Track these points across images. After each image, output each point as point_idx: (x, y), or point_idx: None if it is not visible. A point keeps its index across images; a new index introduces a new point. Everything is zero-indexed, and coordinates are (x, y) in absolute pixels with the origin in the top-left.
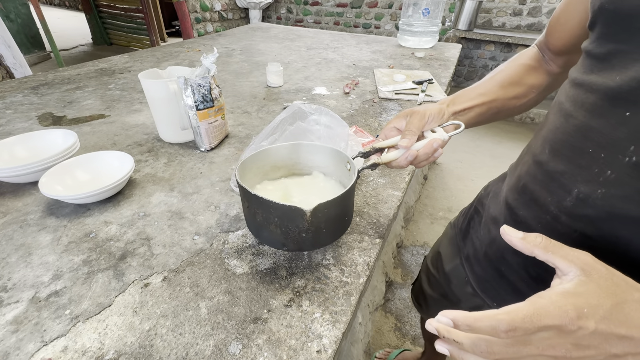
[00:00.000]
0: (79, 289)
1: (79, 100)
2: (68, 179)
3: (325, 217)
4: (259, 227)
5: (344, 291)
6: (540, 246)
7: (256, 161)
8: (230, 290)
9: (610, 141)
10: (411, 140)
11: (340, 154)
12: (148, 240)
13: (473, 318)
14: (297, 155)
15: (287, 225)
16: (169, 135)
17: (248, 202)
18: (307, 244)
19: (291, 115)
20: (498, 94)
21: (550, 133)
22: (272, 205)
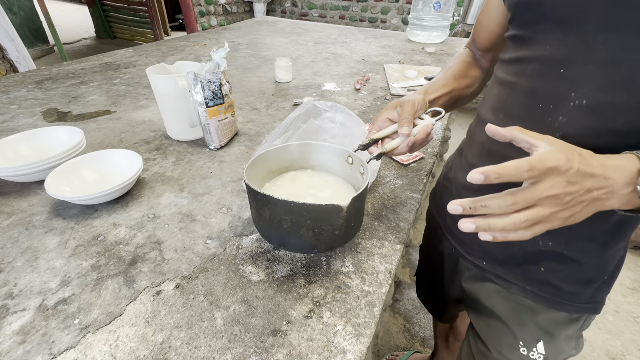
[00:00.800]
0: (88, 297)
1: (84, 95)
2: (75, 178)
3: (354, 210)
4: (285, 235)
5: (366, 301)
6: (517, 130)
7: (254, 168)
8: (246, 299)
9: (554, 94)
10: (410, 128)
11: (339, 149)
12: (159, 244)
13: (499, 166)
14: (292, 157)
15: (320, 226)
16: (177, 133)
17: (271, 211)
18: (338, 241)
19: (304, 112)
20: (454, 85)
21: (500, 101)
22: (306, 208)
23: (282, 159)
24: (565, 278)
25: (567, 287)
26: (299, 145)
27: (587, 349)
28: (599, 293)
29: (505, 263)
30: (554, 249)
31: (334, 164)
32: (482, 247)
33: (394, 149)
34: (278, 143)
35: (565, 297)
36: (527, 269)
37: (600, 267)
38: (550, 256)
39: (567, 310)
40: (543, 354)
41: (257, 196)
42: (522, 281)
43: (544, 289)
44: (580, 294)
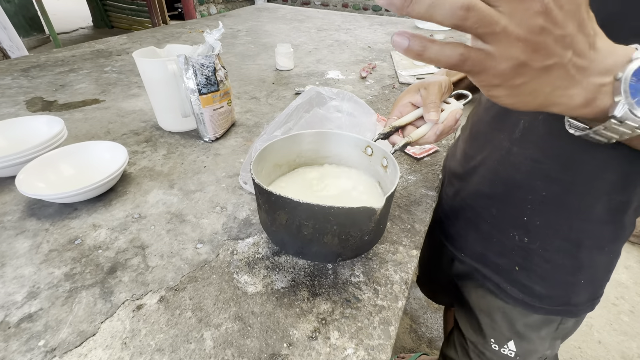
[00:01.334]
0: (58, 312)
1: (72, 83)
2: (51, 174)
3: (385, 210)
4: (305, 242)
5: (380, 318)
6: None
7: (261, 162)
8: (240, 315)
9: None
10: (438, 113)
11: (356, 138)
12: (143, 249)
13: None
14: (300, 148)
15: (348, 232)
16: (169, 123)
17: (289, 215)
18: (365, 247)
19: (308, 100)
20: None
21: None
22: (334, 212)
23: (290, 150)
24: (538, 279)
25: (539, 288)
26: (310, 135)
27: (602, 351)
28: (575, 296)
29: (482, 257)
30: (529, 245)
31: (350, 154)
32: (463, 237)
33: (420, 137)
34: (278, 134)
35: (537, 299)
36: (501, 267)
37: (576, 269)
38: (525, 254)
39: (539, 312)
40: (514, 351)
41: (271, 198)
42: (497, 278)
43: (516, 288)
44: (553, 296)
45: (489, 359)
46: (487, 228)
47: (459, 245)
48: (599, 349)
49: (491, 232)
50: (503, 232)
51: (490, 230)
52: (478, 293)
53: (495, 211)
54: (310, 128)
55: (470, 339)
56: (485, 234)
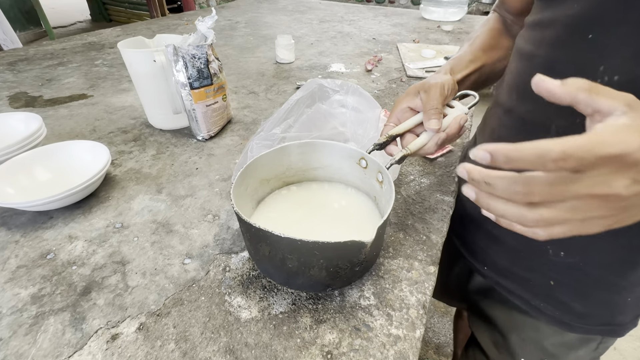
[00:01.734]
0: (19, 343)
1: (60, 77)
2: (23, 178)
3: (378, 238)
4: (290, 275)
5: (395, 352)
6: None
7: (244, 181)
8: (232, 347)
9: (578, 68)
10: (440, 120)
11: (348, 149)
12: (123, 265)
13: (514, 148)
14: (289, 160)
15: (337, 265)
16: (160, 120)
17: (271, 248)
18: (357, 275)
19: (309, 94)
20: (484, 60)
21: (515, 78)
22: (319, 247)
23: (278, 163)
24: (577, 296)
25: (578, 306)
26: (299, 146)
27: (618, 358)
28: (620, 315)
29: (507, 271)
30: (566, 259)
31: (342, 166)
32: (484, 250)
33: (419, 148)
34: (278, 132)
35: (576, 318)
36: (532, 281)
37: (622, 287)
38: (562, 268)
39: (577, 331)
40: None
41: (251, 229)
42: (527, 294)
43: (550, 305)
44: (595, 315)
45: None
46: (513, 242)
47: (481, 257)
48: (615, 356)
49: (518, 247)
50: (533, 247)
51: (517, 245)
52: (504, 309)
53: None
54: (312, 125)
55: (494, 358)
56: (511, 248)
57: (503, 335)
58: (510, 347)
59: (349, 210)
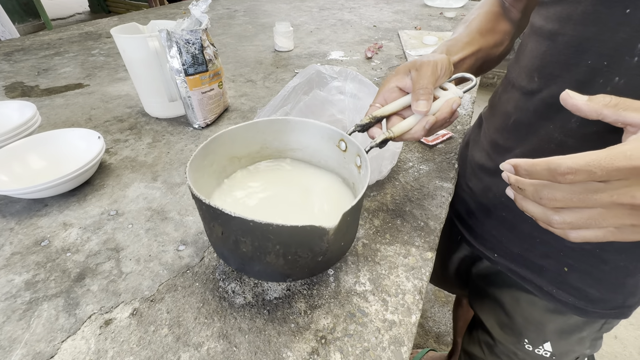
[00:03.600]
0: (13, 328)
1: (56, 67)
2: (17, 166)
3: (346, 227)
4: (245, 259)
5: (390, 337)
6: (610, 105)
7: (209, 155)
8: (225, 332)
9: (612, 46)
10: (429, 102)
11: (327, 129)
12: (117, 252)
13: (531, 163)
14: (264, 138)
15: (295, 252)
16: (155, 109)
17: (223, 228)
18: (321, 267)
19: (307, 81)
20: (481, 43)
21: (536, 59)
22: (273, 230)
23: (251, 140)
24: (593, 282)
25: (594, 292)
26: (272, 123)
27: (619, 347)
28: (631, 297)
29: (521, 258)
30: (583, 246)
31: (321, 148)
32: (495, 237)
33: (404, 132)
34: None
35: (590, 303)
36: (546, 268)
37: (637, 270)
38: (578, 255)
39: (590, 316)
40: (550, 351)
41: (202, 206)
42: (540, 280)
43: (564, 291)
44: (609, 300)
45: (521, 359)
46: (529, 229)
47: (490, 245)
48: (616, 345)
49: (533, 233)
50: (549, 233)
51: (532, 231)
52: (510, 291)
53: None
54: (310, 112)
55: (499, 338)
56: (525, 235)
57: (509, 316)
58: (515, 328)
59: (322, 196)
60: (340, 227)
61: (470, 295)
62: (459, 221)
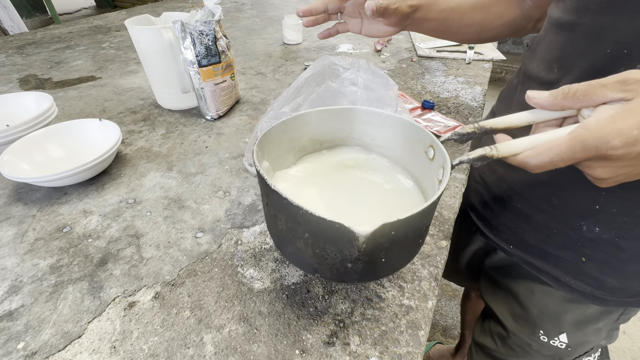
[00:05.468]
0: (41, 309)
1: (68, 60)
2: (38, 155)
3: (389, 243)
4: (281, 237)
5: (407, 321)
6: (569, 95)
7: (285, 132)
8: (246, 316)
9: (630, 33)
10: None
11: (419, 130)
12: (137, 238)
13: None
14: (350, 127)
15: (323, 247)
16: (168, 100)
17: (268, 200)
18: (352, 276)
19: (319, 72)
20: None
21: (555, 50)
22: (302, 215)
23: (339, 127)
24: (611, 271)
25: (612, 281)
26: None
27: (627, 343)
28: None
29: (537, 249)
30: (601, 235)
31: (409, 150)
32: (510, 229)
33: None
34: (287, 110)
35: (608, 292)
36: (563, 258)
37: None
38: (596, 245)
39: (608, 305)
40: (566, 342)
41: (258, 173)
42: (557, 271)
43: (581, 281)
44: (628, 288)
45: (535, 350)
46: (545, 219)
47: (506, 237)
48: (624, 340)
49: (550, 224)
50: (566, 223)
51: (549, 222)
52: (527, 285)
53: (557, 200)
54: (322, 103)
55: (512, 329)
56: (541, 226)
57: (523, 307)
58: (530, 319)
59: (390, 198)
60: (377, 238)
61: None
62: (473, 213)
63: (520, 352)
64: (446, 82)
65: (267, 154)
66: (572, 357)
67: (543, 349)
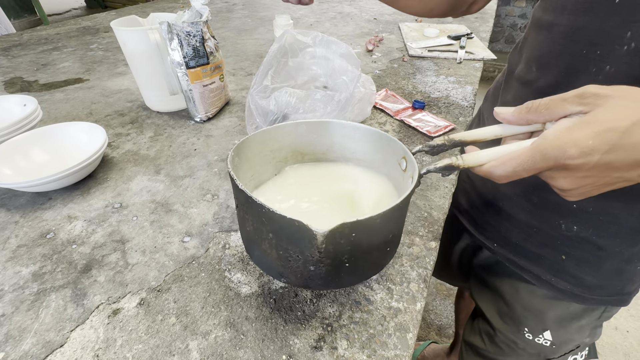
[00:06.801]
0: (22, 318)
1: (55, 62)
2: (21, 159)
3: (352, 246)
4: (249, 239)
5: (395, 324)
6: (532, 109)
7: (265, 142)
8: (232, 321)
9: (602, 35)
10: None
11: (392, 142)
12: (122, 244)
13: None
14: (330, 140)
15: (286, 248)
16: (156, 103)
17: (238, 200)
18: (316, 281)
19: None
20: None
21: (534, 50)
22: (265, 213)
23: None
24: (590, 269)
25: (591, 279)
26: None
27: (619, 338)
28: (630, 284)
29: (519, 247)
30: (579, 234)
31: (385, 164)
32: (494, 227)
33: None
34: (268, 84)
35: (588, 290)
36: (544, 257)
37: (634, 256)
38: (574, 243)
39: (588, 303)
40: (550, 340)
41: (229, 174)
42: (538, 269)
43: (562, 279)
44: (607, 286)
45: (521, 348)
46: (526, 218)
47: (490, 235)
48: (616, 336)
49: (530, 222)
50: (546, 222)
51: (530, 220)
52: (510, 281)
53: (537, 199)
54: (289, 78)
55: (499, 327)
56: (523, 224)
57: (508, 305)
58: (515, 317)
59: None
60: (334, 237)
61: (472, 286)
62: (460, 212)
63: (508, 350)
64: (437, 82)
65: (245, 161)
66: (558, 355)
67: (528, 346)
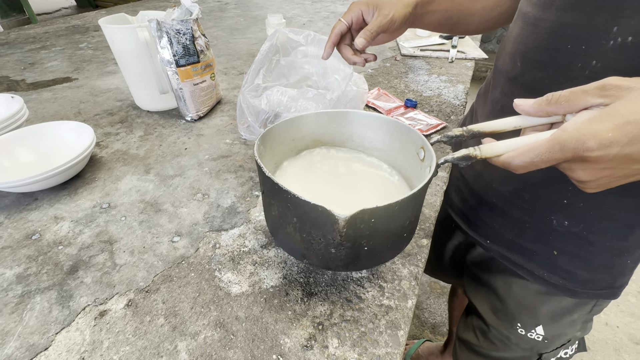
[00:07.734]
0: (6, 321)
1: (43, 61)
2: (6, 159)
3: (370, 231)
4: (274, 223)
5: (387, 321)
6: (552, 102)
7: (288, 131)
8: (222, 321)
9: (589, 30)
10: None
11: (411, 132)
12: (110, 244)
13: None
14: (350, 130)
15: (309, 232)
16: (147, 102)
17: (264, 187)
18: (336, 262)
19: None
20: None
21: (519, 45)
22: (291, 199)
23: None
24: (582, 263)
25: (583, 273)
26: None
27: (609, 333)
28: (620, 278)
29: (512, 243)
30: (571, 229)
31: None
32: (487, 224)
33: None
34: (260, 82)
35: (580, 284)
36: (537, 252)
37: (624, 250)
38: (566, 238)
39: (580, 297)
40: (542, 334)
41: (257, 162)
42: (531, 265)
43: (554, 274)
44: (598, 280)
45: (514, 344)
46: (518, 214)
47: (483, 232)
48: (606, 331)
49: (523, 218)
50: (538, 218)
51: (522, 216)
52: (503, 277)
53: (529, 196)
54: (281, 75)
55: (492, 323)
56: (515, 220)
57: (501, 301)
58: (508, 312)
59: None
60: (355, 223)
61: (465, 283)
62: (452, 209)
63: (501, 346)
64: (429, 81)
65: (269, 149)
66: (550, 349)
67: (521, 341)
